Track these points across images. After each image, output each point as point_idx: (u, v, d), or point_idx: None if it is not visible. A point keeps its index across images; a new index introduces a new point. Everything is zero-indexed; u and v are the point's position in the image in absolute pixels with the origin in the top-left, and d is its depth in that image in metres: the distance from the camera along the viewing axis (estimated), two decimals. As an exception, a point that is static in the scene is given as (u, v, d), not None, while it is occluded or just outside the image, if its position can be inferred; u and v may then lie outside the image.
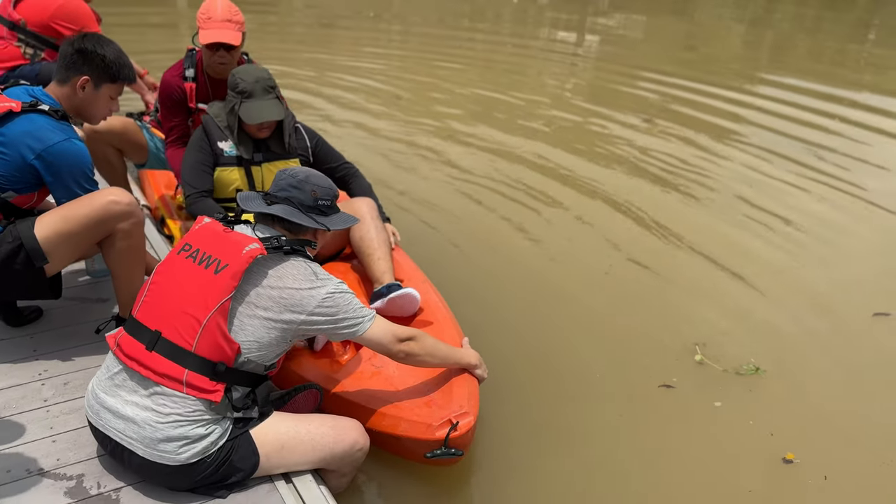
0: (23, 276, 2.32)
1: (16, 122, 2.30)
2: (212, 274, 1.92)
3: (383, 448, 2.44)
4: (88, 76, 2.41)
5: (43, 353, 2.55)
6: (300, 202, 2.11)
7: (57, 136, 2.30)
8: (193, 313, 1.90)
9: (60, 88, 2.43)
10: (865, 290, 4.01)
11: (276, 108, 2.98)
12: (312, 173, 2.17)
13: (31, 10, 4.05)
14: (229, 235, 2.00)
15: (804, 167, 5.88)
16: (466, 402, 2.37)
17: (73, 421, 2.24)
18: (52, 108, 2.35)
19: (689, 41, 11.47)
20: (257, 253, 1.94)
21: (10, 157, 2.28)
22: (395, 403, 2.38)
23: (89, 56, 2.39)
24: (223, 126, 3.08)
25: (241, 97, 2.97)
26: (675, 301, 3.81)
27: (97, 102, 2.48)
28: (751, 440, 2.84)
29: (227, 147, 3.08)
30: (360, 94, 7.47)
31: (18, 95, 2.39)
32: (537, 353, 3.32)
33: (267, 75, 3.00)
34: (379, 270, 2.91)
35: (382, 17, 12.48)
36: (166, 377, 1.89)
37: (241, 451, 1.97)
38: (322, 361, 2.58)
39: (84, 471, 2.05)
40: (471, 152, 5.91)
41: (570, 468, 2.66)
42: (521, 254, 4.25)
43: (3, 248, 2.28)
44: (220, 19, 3.24)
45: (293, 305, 1.97)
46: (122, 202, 2.33)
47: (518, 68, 9.14)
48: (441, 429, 2.28)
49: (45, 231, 2.28)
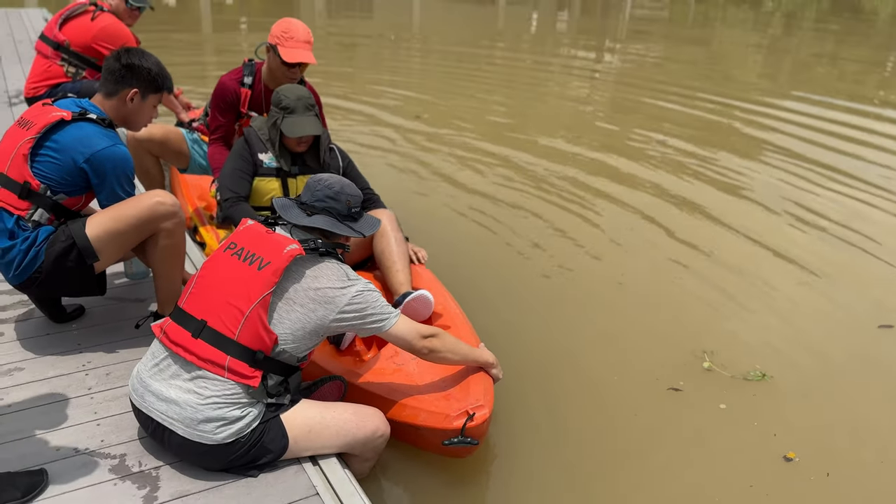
0: (74, 272, 2.51)
1: (67, 129, 2.49)
2: (255, 270, 2.11)
3: (402, 438, 2.60)
4: (137, 88, 2.61)
5: (86, 346, 2.73)
6: (337, 212, 2.30)
7: (105, 142, 2.49)
8: (237, 304, 2.08)
9: (108, 101, 2.61)
10: (873, 302, 4.11)
11: (315, 124, 3.19)
12: (345, 183, 2.36)
13: (74, 31, 4.31)
14: (271, 236, 2.19)
15: (820, 178, 5.99)
16: (482, 396, 2.53)
17: (115, 407, 2.41)
18: (99, 117, 2.55)
19: (709, 63, 11.63)
20: (297, 253, 2.13)
21: (62, 161, 2.47)
22: (415, 396, 2.54)
23: (136, 70, 2.59)
24: (265, 139, 3.29)
25: (284, 113, 3.19)
26: (686, 309, 3.94)
27: (143, 111, 2.68)
28: (754, 440, 2.95)
29: (267, 159, 3.28)
30: (380, 112, 7.68)
31: (68, 106, 2.58)
32: (550, 356, 3.47)
33: (308, 94, 3.22)
34: (398, 282, 3.11)
35: (403, 38, 12.76)
36: (210, 362, 2.06)
37: (272, 433, 2.14)
38: (347, 359, 2.77)
39: (126, 451, 2.22)
40: (487, 168, 6.08)
41: (577, 464, 2.79)
42: (535, 262, 4.40)
43: (56, 247, 2.46)
44: (301, 40, 3.49)
45: (327, 302, 2.15)
46: (167, 203, 2.54)
47: (537, 88, 9.33)
48: (458, 419, 2.43)
49: (96, 230, 2.48)
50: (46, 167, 2.47)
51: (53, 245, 2.47)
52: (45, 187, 2.47)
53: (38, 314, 2.91)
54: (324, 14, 15.69)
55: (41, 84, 4.32)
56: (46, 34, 4.35)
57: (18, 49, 7.54)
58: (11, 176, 2.47)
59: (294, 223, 2.28)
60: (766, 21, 17.35)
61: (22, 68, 6.76)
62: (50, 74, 4.31)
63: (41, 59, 4.34)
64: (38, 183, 2.46)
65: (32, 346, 2.71)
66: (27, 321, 2.87)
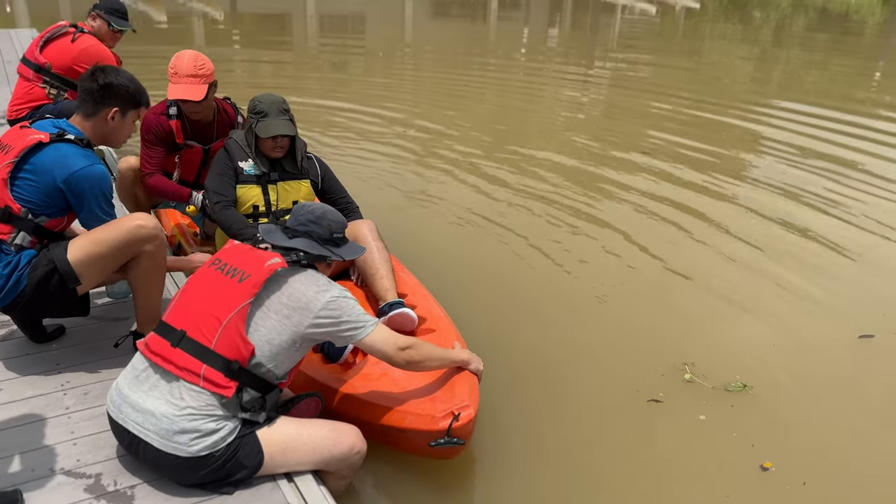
0: (56, 296, 2.52)
1: (45, 151, 2.51)
2: (236, 283, 2.17)
3: (388, 443, 2.64)
4: (117, 107, 2.64)
5: (65, 366, 2.75)
6: (318, 235, 2.36)
7: (82, 162, 2.51)
8: (216, 314, 2.13)
9: (87, 121, 2.64)
10: (854, 312, 4.14)
11: (288, 125, 3.25)
12: (327, 209, 2.42)
13: (55, 53, 4.35)
14: (255, 252, 2.26)
15: (803, 191, 6.04)
16: (468, 396, 2.57)
17: (92, 426, 2.42)
18: (77, 138, 2.57)
19: (700, 74, 11.73)
20: (278, 266, 2.19)
21: (40, 183, 2.49)
22: (401, 399, 2.59)
23: (115, 89, 2.62)
24: (244, 146, 3.35)
25: (258, 117, 3.25)
26: (669, 320, 3.96)
27: (123, 128, 2.72)
28: (732, 450, 2.97)
29: (247, 166, 3.34)
30: (369, 126, 7.72)
31: (45, 128, 2.60)
32: (532, 366, 3.49)
33: (281, 99, 3.29)
34: (382, 289, 3.15)
35: (395, 55, 12.85)
36: (186, 370, 2.10)
37: (248, 448, 2.15)
38: (334, 366, 2.83)
39: (102, 470, 2.23)
40: (475, 179, 6.11)
41: (557, 474, 2.80)
42: (519, 272, 4.43)
43: (38, 271, 2.48)
44: (184, 74, 3.43)
45: (301, 307, 2.18)
46: (147, 226, 2.56)
47: (526, 103, 9.39)
48: (444, 420, 2.48)
49: (77, 254, 2.50)
50: (26, 190, 2.49)
51: (35, 269, 2.48)
52: (27, 210, 2.49)
53: (17, 334, 2.92)
54: (316, 31, 15.80)
55: (23, 106, 4.35)
56: (28, 57, 4.39)
57: (7, 70, 7.58)
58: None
59: (276, 244, 2.32)
60: (754, 36, 17.51)
61: (10, 90, 6.78)
62: (32, 97, 4.34)
63: (23, 82, 4.38)
64: (18, 206, 2.48)
65: (12, 366, 2.73)
66: (7, 341, 2.88)
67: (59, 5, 17.03)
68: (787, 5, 26.29)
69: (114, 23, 4.55)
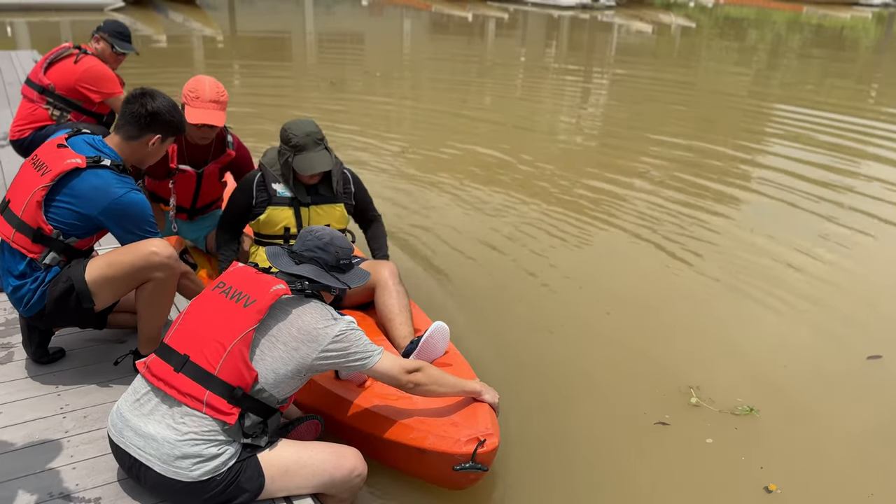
0: (73, 311, 2.59)
1: (83, 177, 2.50)
2: (241, 307, 2.15)
3: (403, 467, 2.62)
4: (160, 134, 2.67)
5: (65, 389, 2.73)
6: (325, 262, 2.35)
7: (121, 190, 2.52)
8: (220, 340, 2.11)
9: (127, 144, 2.64)
10: (861, 333, 4.12)
11: (326, 159, 3.27)
12: (336, 235, 2.40)
13: (59, 75, 4.37)
14: (259, 276, 2.24)
15: (806, 210, 6.04)
16: (491, 425, 2.56)
17: (91, 450, 2.40)
18: (113, 163, 2.56)
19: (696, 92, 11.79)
20: (283, 292, 2.17)
21: (78, 208, 2.51)
22: (422, 420, 2.57)
23: (161, 117, 2.64)
24: (277, 173, 3.36)
25: (294, 151, 3.25)
26: (675, 343, 3.95)
27: (159, 153, 2.75)
28: (738, 473, 2.95)
29: (280, 188, 3.36)
30: (368, 145, 7.74)
31: (82, 148, 2.57)
32: (538, 388, 3.48)
33: (315, 129, 3.28)
34: (400, 336, 3.10)
35: (392, 74, 12.91)
36: (189, 396, 2.08)
37: (249, 472, 2.13)
38: (349, 383, 2.81)
39: (101, 494, 2.21)
40: (476, 199, 6.13)
41: (563, 497, 2.78)
42: (523, 294, 4.42)
43: (59, 287, 2.54)
44: (207, 100, 3.41)
45: (310, 340, 2.17)
46: (161, 254, 2.55)
47: (524, 121, 9.43)
48: (469, 444, 2.47)
49: (93, 275, 2.54)
50: (61, 214, 2.52)
51: (56, 285, 2.54)
52: (58, 232, 2.53)
53: (17, 357, 2.91)
54: (314, 49, 15.89)
55: (26, 127, 4.36)
56: (32, 78, 4.42)
57: (8, 91, 7.61)
58: (26, 220, 2.52)
59: (282, 270, 2.31)
60: (749, 58, 17.63)
61: (11, 111, 6.81)
62: (35, 118, 4.36)
63: (26, 103, 4.40)
64: (50, 228, 2.51)
65: (12, 389, 2.71)
66: (7, 364, 2.86)
67: (60, 27, 17.12)
68: (782, 23, 26.47)
69: (117, 45, 4.58)
